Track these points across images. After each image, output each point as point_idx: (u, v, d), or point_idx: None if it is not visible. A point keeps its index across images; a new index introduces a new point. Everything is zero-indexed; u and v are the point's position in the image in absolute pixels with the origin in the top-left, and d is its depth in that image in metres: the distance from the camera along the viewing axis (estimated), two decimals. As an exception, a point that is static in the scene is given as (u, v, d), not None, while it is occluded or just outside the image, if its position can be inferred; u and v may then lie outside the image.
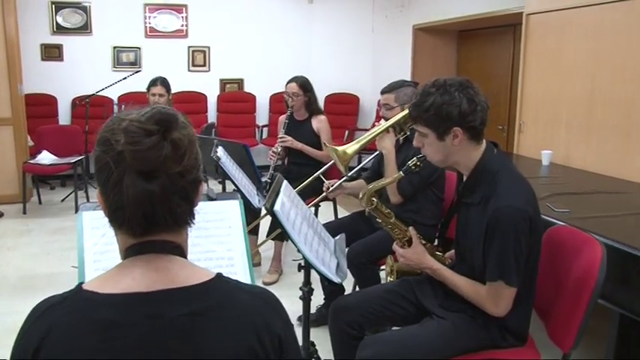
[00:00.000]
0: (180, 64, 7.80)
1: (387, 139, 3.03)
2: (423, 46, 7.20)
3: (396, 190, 3.04)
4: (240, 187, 3.25)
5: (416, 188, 3.04)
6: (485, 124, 1.93)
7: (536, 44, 4.90)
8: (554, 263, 2.12)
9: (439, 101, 1.89)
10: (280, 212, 1.92)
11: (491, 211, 1.85)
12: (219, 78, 8.00)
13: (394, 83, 3.12)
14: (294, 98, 4.24)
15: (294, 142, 4.23)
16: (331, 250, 2.18)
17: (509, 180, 1.92)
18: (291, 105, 4.25)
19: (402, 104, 3.03)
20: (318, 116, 4.33)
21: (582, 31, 4.38)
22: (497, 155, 2.00)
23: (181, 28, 7.75)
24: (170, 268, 1.05)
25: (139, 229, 1.03)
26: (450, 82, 1.92)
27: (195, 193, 1.07)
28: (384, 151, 3.04)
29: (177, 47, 7.77)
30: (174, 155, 1.01)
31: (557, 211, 2.85)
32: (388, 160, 3.03)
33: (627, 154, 4.01)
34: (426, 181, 3.03)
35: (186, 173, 1.02)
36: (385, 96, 3.12)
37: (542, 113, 4.86)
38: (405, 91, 3.06)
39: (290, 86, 4.27)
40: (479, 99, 1.91)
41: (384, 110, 3.13)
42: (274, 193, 2.01)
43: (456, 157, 2.00)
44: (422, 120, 1.96)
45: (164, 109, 1.05)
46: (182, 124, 1.05)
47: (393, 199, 3.06)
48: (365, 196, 2.29)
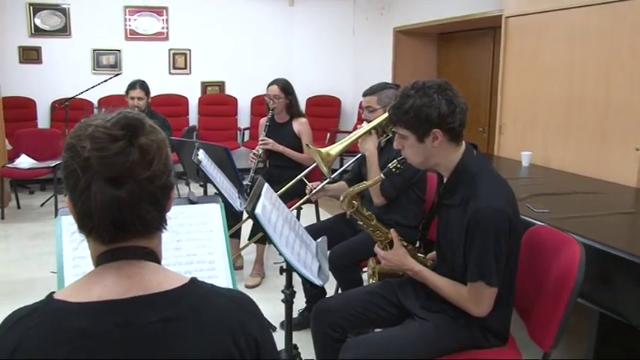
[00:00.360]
0: (161, 66, 7.76)
1: (369, 141, 3.04)
2: (404, 48, 7.24)
3: (379, 192, 3.05)
4: (222, 190, 3.23)
5: (398, 190, 3.05)
6: (464, 125, 1.95)
7: (515, 47, 4.95)
8: (534, 263, 2.14)
9: (418, 103, 1.91)
10: (261, 215, 1.92)
11: (471, 212, 1.86)
12: (200, 81, 7.97)
13: (376, 86, 3.13)
14: (275, 101, 4.23)
15: (275, 145, 4.22)
16: (313, 253, 2.17)
17: (489, 181, 1.94)
18: (272, 107, 4.25)
19: (384, 106, 3.04)
20: (299, 119, 4.33)
21: (560, 34, 4.43)
22: (477, 157, 2.02)
23: (162, 30, 7.71)
24: (143, 275, 1.04)
25: (108, 236, 1.02)
26: (428, 84, 1.93)
27: (166, 198, 1.06)
28: (367, 153, 3.05)
29: (158, 50, 7.73)
30: (142, 161, 1.00)
31: (536, 211, 2.88)
32: (371, 162, 3.04)
33: (604, 155, 4.07)
34: (409, 182, 3.05)
35: (155, 179, 1.01)
36: (367, 98, 3.12)
37: (522, 115, 4.91)
38: (387, 94, 3.07)
39: (271, 89, 4.27)
40: (458, 101, 1.93)
41: (366, 112, 3.14)
42: (255, 196, 2.01)
43: (436, 159, 2.01)
44: (401, 122, 1.97)
45: (130, 114, 1.04)
46: (150, 128, 1.04)
47: (377, 200, 3.07)
48: (346, 198, 2.29)
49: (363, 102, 3.16)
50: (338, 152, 2.93)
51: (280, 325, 3.19)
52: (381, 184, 2.96)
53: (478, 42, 6.55)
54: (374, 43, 7.74)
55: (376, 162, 3.02)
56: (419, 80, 1.97)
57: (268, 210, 2.01)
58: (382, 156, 3.05)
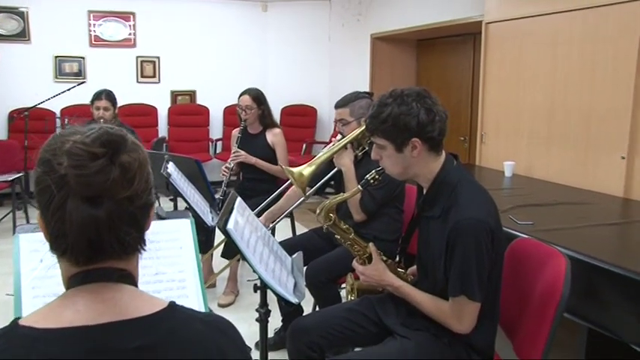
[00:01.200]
0: (128, 75, 7.72)
1: (345, 156, 3.05)
2: (382, 55, 7.30)
3: (359, 208, 3.05)
4: (193, 205, 3.22)
5: (379, 204, 3.05)
6: (444, 134, 1.97)
7: (496, 53, 5.02)
8: (518, 277, 2.16)
9: (396, 112, 1.92)
10: (234, 231, 1.91)
11: (451, 224, 1.87)
12: (169, 90, 7.95)
13: (348, 96, 3.12)
14: (247, 111, 4.23)
15: (247, 157, 4.21)
16: (288, 269, 2.17)
17: (470, 192, 1.95)
18: (245, 118, 4.25)
19: (358, 118, 3.04)
20: (272, 129, 4.34)
21: (542, 40, 4.51)
22: (457, 167, 2.04)
23: (129, 37, 7.68)
24: (118, 298, 1.02)
25: (83, 258, 1.00)
26: (407, 92, 1.95)
27: (146, 217, 1.05)
28: (343, 168, 3.06)
29: (125, 57, 7.68)
30: (123, 180, 0.98)
31: (520, 223, 2.91)
32: (348, 178, 3.04)
33: (589, 164, 4.13)
34: (390, 195, 3.06)
35: (135, 198, 1.00)
36: (339, 110, 3.11)
37: (504, 124, 4.97)
38: (360, 104, 3.07)
39: (242, 99, 4.27)
40: (437, 109, 1.95)
41: (339, 125, 3.13)
42: (227, 210, 2.00)
43: (416, 169, 2.03)
44: (379, 132, 1.99)
45: (112, 130, 1.03)
46: (132, 145, 1.03)
47: (357, 217, 3.07)
48: (323, 211, 2.29)
49: (335, 114, 3.15)
50: (310, 173, 2.90)
51: (255, 346, 3.16)
52: (361, 199, 2.98)
53: (458, 48, 6.63)
54: (351, 50, 7.80)
55: (353, 177, 3.02)
56: (397, 88, 1.99)
57: (241, 225, 2.00)
58: (359, 169, 3.05)
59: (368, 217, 3.07)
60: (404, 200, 3.17)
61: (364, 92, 3.18)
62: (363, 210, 3.05)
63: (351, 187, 2.97)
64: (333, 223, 2.32)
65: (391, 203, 3.11)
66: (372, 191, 2.96)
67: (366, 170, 3.00)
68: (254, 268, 1.94)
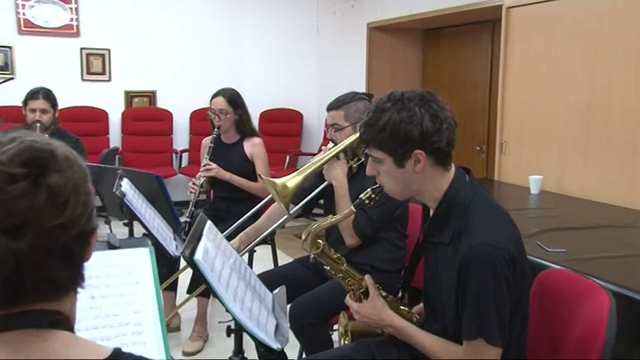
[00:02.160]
0: (70, 70, 7.66)
1: (337, 167, 3.06)
2: (381, 49, 7.35)
3: (352, 231, 3.06)
4: (152, 231, 3.21)
5: (376, 226, 3.06)
6: (453, 144, 1.99)
7: (519, 45, 5.04)
8: (548, 317, 2.14)
9: (396, 119, 1.94)
10: (202, 262, 1.91)
11: (463, 252, 1.88)
12: (123, 90, 7.94)
13: (343, 97, 3.15)
14: (220, 116, 4.25)
15: (220, 172, 4.22)
16: (269, 308, 2.18)
17: (485, 213, 1.97)
18: (218, 125, 4.26)
19: (353, 123, 3.05)
20: (251, 139, 4.36)
21: (577, 28, 4.50)
22: (470, 183, 2.05)
23: (70, 23, 7.60)
24: (46, 349, 0.98)
25: (0, 300, 0.97)
26: (408, 95, 1.96)
27: (85, 248, 1.03)
28: (334, 182, 3.07)
29: (66, 48, 7.62)
30: (51, 205, 0.96)
31: (550, 251, 2.92)
32: (340, 194, 3.06)
33: (635, 179, 4.13)
34: (389, 216, 3.07)
35: (70, 226, 0.98)
36: (332, 113, 3.14)
37: (529, 130, 4.99)
38: (357, 106, 3.09)
39: (215, 101, 4.28)
40: (444, 115, 1.96)
41: (331, 131, 3.15)
42: (195, 237, 2.01)
43: (420, 187, 2.04)
44: (375, 142, 2.00)
45: (37, 144, 1.00)
46: (63, 163, 1.01)
47: (350, 241, 3.08)
48: (309, 237, 2.30)
49: (328, 118, 3.17)
50: (297, 184, 2.93)
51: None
52: (355, 220, 2.98)
53: (473, 40, 6.68)
54: (343, 43, 7.84)
55: (346, 193, 3.04)
56: (396, 91, 2.00)
57: (212, 255, 2.00)
58: (354, 185, 3.06)
59: (363, 242, 3.08)
60: (407, 222, 3.18)
61: (362, 93, 3.21)
62: (357, 233, 3.06)
63: (342, 206, 2.99)
64: (322, 252, 2.33)
65: (391, 225, 3.12)
66: (368, 210, 2.96)
67: (362, 187, 2.99)
68: (227, 307, 1.95)
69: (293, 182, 2.94)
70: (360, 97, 3.15)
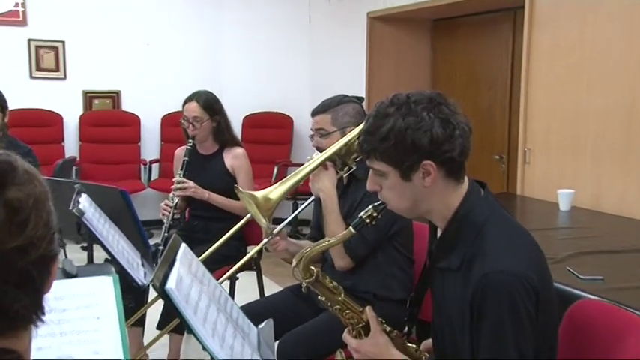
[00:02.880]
0: (15, 66, 7.64)
1: (324, 177, 3.10)
2: (383, 43, 7.36)
3: (343, 251, 3.06)
4: (116, 256, 3.22)
5: (372, 246, 3.07)
6: (467, 154, 2.00)
7: (546, 35, 5.05)
8: (582, 356, 2.13)
9: (401, 125, 1.94)
10: (176, 292, 1.92)
11: (475, 280, 1.88)
12: (81, 89, 7.96)
13: (330, 100, 3.20)
14: (195, 125, 4.24)
15: (198, 191, 4.21)
16: (253, 345, 2.18)
17: (502, 234, 1.98)
18: (192, 134, 4.26)
19: (342, 128, 3.12)
20: (232, 149, 4.37)
21: (616, 13, 4.49)
22: (485, 199, 2.07)
23: (15, 9, 7.55)
24: None
25: None
26: (414, 97, 1.97)
27: (46, 275, 1.05)
28: (322, 195, 3.11)
29: (10, 40, 7.59)
30: (10, 224, 0.98)
31: (583, 278, 2.92)
32: (328, 209, 3.08)
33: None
34: (385, 234, 3.08)
35: (30, 249, 0.99)
36: (318, 118, 3.19)
37: (558, 135, 5.00)
38: (346, 110, 3.15)
39: (188, 108, 4.27)
40: (457, 120, 1.97)
41: (317, 138, 3.20)
42: (167, 262, 2.02)
43: (429, 204, 2.05)
44: (377, 153, 2.00)
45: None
46: (23, 176, 1.02)
47: (340, 262, 3.09)
48: (301, 262, 2.30)
49: (312, 123, 3.22)
50: (280, 197, 2.95)
51: None
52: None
53: (492, 31, 6.71)
54: (340, 36, 7.86)
55: (336, 208, 3.07)
56: (400, 93, 2.01)
57: (187, 283, 2.01)
58: (345, 199, 3.10)
59: (356, 264, 3.10)
60: (411, 243, 3.20)
61: (352, 96, 3.26)
62: (349, 253, 3.07)
63: (332, 222, 3.03)
64: (316, 280, 2.33)
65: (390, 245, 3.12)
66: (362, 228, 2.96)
67: (354, 200, 3.06)
68: (204, 344, 1.95)
69: (276, 194, 2.96)
70: (350, 100, 3.21)
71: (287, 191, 3.00)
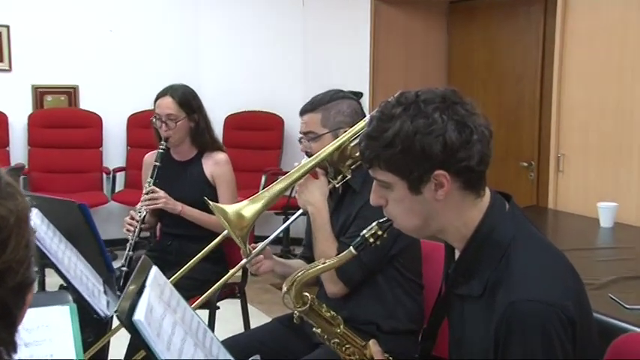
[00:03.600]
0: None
1: (313, 188, 3.09)
2: (391, 29, 7.37)
3: (334, 275, 3.04)
4: (73, 282, 3.22)
5: (368, 269, 3.06)
6: (487, 162, 2.01)
7: (583, 20, 5.07)
8: None
9: (409, 129, 1.95)
10: (145, 324, 1.93)
11: (501, 311, 1.89)
12: (30, 84, 7.95)
13: (321, 96, 3.20)
14: (169, 124, 4.24)
15: (170, 202, 4.21)
16: (237, 387, 2.20)
17: (531, 256, 1.99)
18: (166, 136, 4.26)
19: (334, 129, 3.11)
20: (213, 154, 4.39)
21: None
22: (511, 214, 2.08)
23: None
24: None
25: None
26: (425, 96, 1.98)
27: (21, 305, 1.07)
28: (310, 208, 3.10)
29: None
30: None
31: (629, 307, 2.94)
32: (317, 224, 3.08)
33: None
34: (384, 255, 3.07)
35: (8, 274, 1.01)
36: (307, 118, 3.20)
37: (598, 138, 5.02)
38: (339, 108, 3.15)
39: (162, 104, 4.28)
40: (475, 121, 1.98)
41: (305, 142, 3.20)
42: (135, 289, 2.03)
43: (443, 221, 2.06)
44: (382, 161, 2.01)
45: None
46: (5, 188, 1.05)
47: (332, 288, 3.08)
48: (293, 288, 2.32)
49: (301, 124, 3.23)
50: (256, 212, 2.93)
51: None
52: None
53: (518, 14, 6.72)
54: (339, 21, 7.88)
55: (325, 223, 3.07)
56: (408, 91, 2.02)
57: (158, 314, 2.03)
58: (338, 213, 3.12)
59: (349, 290, 3.09)
60: (419, 266, 3.21)
61: (347, 92, 3.27)
62: (341, 277, 3.05)
63: (321, 239, 3.04)
64: (311, 308, 2.35)
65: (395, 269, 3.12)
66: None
67: (349, 214, 3.06)
68: (178, 386, 1.97)
69: (251, 210, 2.94)
70: (344, 96, 3.22)
71: (264, 206, 2.97)
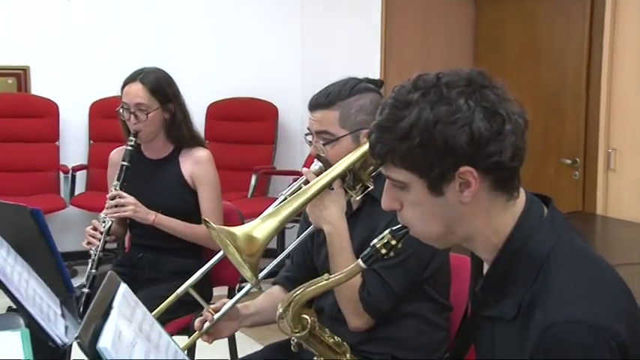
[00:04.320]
0: None
1: (329, 203, 3.07)
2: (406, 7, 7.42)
3: (359, 305, 3.04)
4: (25, 303, 3.23)
5: (400, 296, 3.06)
6: (522, 158, 2.00)
7: None
8: None
9: (429, 118, 1.94)
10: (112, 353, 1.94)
11: (538, 334, 1.89)
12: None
13: (339, 87, 3.13)
14: (140, 116, 4.24)
15: (140, 210, 4.21)
16: None
17: (574, 270, 1.99)
18: (136, 129, 4.26)
19: (355, 130, 3.09)
20: (193, 151, 4.40)
21: None
22: (550, 221, 2.08)
23: None
24: None
25: None
26: (447, 79, 1.97)
27: None
28: (327, 227, 3.07)
29: None
30: None
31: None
32: (337, 247, 3.05)
33: None
34: (418, 278, 3.09)
35: None
36: (319, 115, 3.14)
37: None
38: (362, 103, 3.10)
39: (131, 90, 4.28)
40: (507, 109, 1.97)
41: (317, 144, 3.16)
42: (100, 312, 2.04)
43: (469, 227, 2.06)
44: (396, 157, 2.00)
45: None
46: None
47: (356, 321, 3.06)
48: (290, 310, 2.33)
49: (312, 122, 3.18)
50: (270, 234, 2.91)
51: None
52: (362, 287, 2.98)
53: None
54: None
55: (346, 245, 3.05)
56: (427, 73, 2.01)
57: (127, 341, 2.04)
58: (355, 228, 3.10)
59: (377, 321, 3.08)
60: (449, 286, 3.22)
61: (366, 79, 3.22)
62: (367, 309, 3.04)
63: (340, 263, 2.98)
64: (311, 334, 2.36)
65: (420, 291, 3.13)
66: (384, 272, 2.96)
67: (372, 230, 3.00)
68: None
69: (264, 231, 2.91)
70: (366, 88, 3.15)
71: (279, 226, 2.96)
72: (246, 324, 3.26)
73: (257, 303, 3.33)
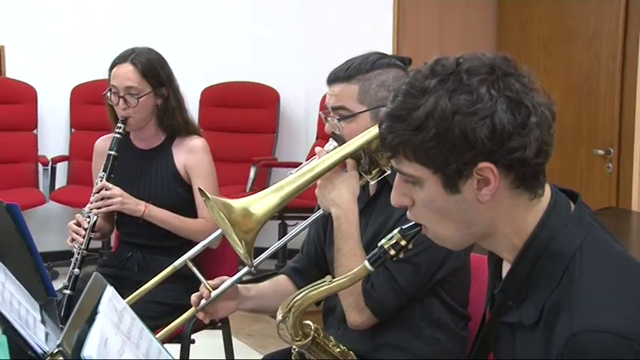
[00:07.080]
0: None
1: (340, 184, 3.08)
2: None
3: (360, 298, 3.07)
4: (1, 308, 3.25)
5: (407, 296, 3.09)
6: (547, 153, 2.00)
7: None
8: None
9: (446, 107, 1.94)
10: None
11: (561, 343, 1.90)
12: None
13: (360, 60, 3.14)
14: (129, 100, 4.26)
15: (128, 202, 4.23)
16: None
17: (602, 273, 2.00)
18: (125, 115, 4.27)
19: (374, 107, 3.08)
20: (187, 140, 4.43)
21: None
22: (577, 218, 2.09)
23: None
24: None
25: None
26: (468, 64, 1.97)
27: None
28: (335, 210, 3.09)
29: None
30: None
31: None
32: (343, 233, 3.07)
33: None
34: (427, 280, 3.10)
35: None
36: (338, 88, 3.14)
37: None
38: (384, 79, 3.10)
39: (120, 72, 4.30)
40: (533, 100, 1.98)
41: (333, 120, 3.16)
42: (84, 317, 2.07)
43: (488, 227, 2.07)
44: (408, 149, 2.01)
45: None
46: None
47: (356, 317, 3.08)
48: (290, 316, 2.36)
49: (329, 96, 3.18)
50: (270, 210, 2.94)
51: None
52: (368, 280, 2.99)
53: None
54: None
55: (354, 232, 3.07)
56: (446, 57, 2.02)
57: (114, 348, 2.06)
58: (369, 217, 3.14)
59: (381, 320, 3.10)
60: (467, 292, 3.24)
61: (394, 56, 3.24)
62: (370, 304, 3.07)
63: (348, 256, 3.01)
64: (314, 342, 2.39)
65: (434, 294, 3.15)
66: (392, 266, 2.92)
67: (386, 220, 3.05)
68: None
69: (263, 207, 2.94)
70: (389, 63, 3.16)
71: (281, 203, 2.97)
72: (244, 307, 3.27)
73: (259, 287, 3.35)
